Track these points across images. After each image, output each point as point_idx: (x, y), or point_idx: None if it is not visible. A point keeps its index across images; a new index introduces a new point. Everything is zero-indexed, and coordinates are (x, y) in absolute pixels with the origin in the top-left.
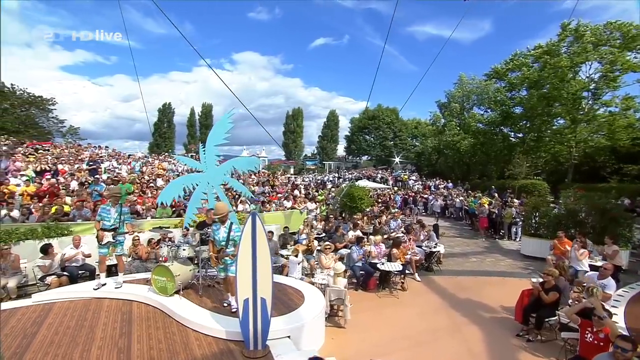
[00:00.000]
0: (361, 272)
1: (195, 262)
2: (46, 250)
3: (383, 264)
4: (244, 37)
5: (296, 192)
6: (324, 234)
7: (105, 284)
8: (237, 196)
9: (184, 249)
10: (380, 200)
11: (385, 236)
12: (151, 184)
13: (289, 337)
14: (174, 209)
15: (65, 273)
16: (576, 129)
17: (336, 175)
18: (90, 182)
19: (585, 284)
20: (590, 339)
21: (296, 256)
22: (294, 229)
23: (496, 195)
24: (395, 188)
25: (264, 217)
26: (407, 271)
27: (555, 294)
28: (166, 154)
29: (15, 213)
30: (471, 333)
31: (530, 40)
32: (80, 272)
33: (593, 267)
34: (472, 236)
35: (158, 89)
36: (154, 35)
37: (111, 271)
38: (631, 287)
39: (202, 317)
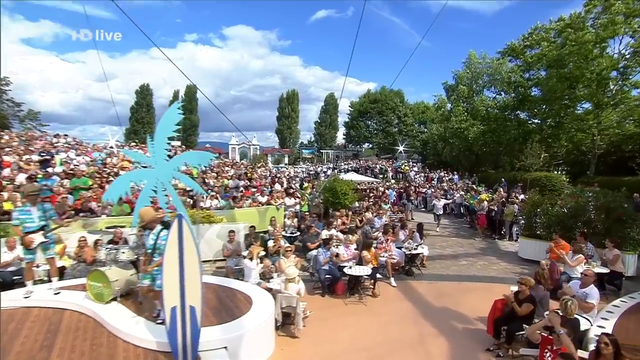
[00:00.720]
0: (327, 276)
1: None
2: None
3: (350, 267)
4: (236, 9)
5: (277, 185)
6: (298, 233)
7: (33, 292)
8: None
9: (123, 252)
10: (372, 195)
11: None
12: (111, 179)
13: (225, 348)
14: (133, 206)
15: None
16: (600, 114)
17: (330, 165)
18: (40, 175)
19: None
20: (549, 358)
21: (251, 259)
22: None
23: (501, 190)
24: (393, 181)
25: (234, 214)
26: (378, 275)
27: (529, 306)
28: (134, 143)
29: None
30: (437, 346)
31: (562, 9)
32: (15, 277)
33: None
34: (469, 236)
35: (138, 67)
36: (133, 4)
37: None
38: (631, 297)
39: (136, 326)
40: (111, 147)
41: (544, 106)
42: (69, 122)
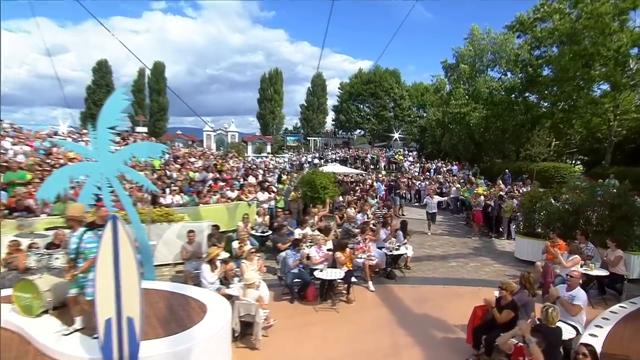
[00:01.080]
0: (296, 280)
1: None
2: None
3: (321, 270)
4: None
5: (251, 178)
6: (270, 232)
7: None
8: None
9: (57, 257)
10: (358, 189)
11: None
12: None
13: None
14: None
15: None
16: (618, 96)
17: (317, 155)
18: None
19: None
20: None
21: (208, 262)
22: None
23: (500, 182)
24: (384, 172)
25: (199, 211)
26: (354, 279)
27: (509, 313)
28: (86, 130)
29: None
30: (411, 357)
31: None
32: None
33: (587, 277)
34: (464, 234)
35: (96, 39)
36: None
37: None
38: (632, 302)
39: (69, 341)
40: (61, 135)
41: (555, 88)
42: (12, 103)
